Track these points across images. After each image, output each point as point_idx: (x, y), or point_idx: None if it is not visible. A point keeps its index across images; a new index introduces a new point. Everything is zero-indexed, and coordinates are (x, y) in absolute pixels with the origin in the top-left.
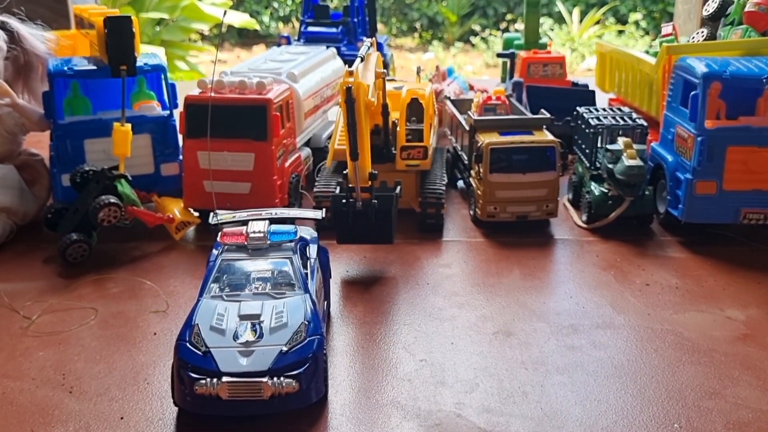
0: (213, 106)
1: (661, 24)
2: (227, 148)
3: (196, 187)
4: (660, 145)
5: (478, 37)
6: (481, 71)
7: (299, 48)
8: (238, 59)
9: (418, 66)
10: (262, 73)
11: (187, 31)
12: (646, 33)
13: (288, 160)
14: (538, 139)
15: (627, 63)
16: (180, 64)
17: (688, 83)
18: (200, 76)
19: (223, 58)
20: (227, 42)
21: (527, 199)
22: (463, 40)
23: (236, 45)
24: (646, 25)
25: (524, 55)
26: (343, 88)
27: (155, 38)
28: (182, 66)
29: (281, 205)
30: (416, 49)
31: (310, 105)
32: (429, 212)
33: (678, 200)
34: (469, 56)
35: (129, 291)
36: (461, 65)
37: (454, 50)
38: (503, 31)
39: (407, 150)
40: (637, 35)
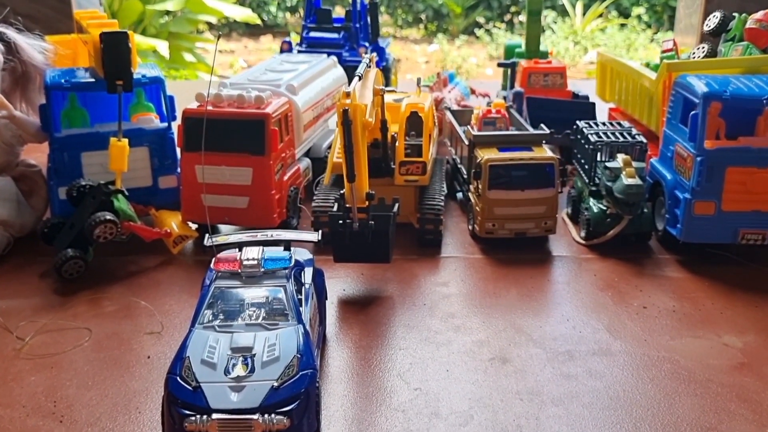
0: (211, 119)
1: (662, 40)
2: (225, 162)
3: (194, 200)
4: (659, 161)
5: (483, 30)
6: (485, 64)
7: (300, 56)
8: (246, 49)
9: (419, 77)
10: (261, 85)
11: (194, 23)
12: (648, 26)
13: (287, 173)
14: (537, 155)
15: (627, 75)
16: (187, 55)
17: (688, 101)
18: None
19: (231, 48)
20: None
21: (526, 216)
22: (467, 32)
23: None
24: (648, 19)
25: (525, 65)
26: (339, 110)
27: (162, 30)
28: (189, 58)
29: (279, 220)
30: (421, 40)
31: (310, 117)
32: (427, 228)
33: (676, 219)
34: (473, 48)
35: (124, 310)
36: (465, 57)
37: (459, 42)
38: (507, 23)
39: (406, 165)
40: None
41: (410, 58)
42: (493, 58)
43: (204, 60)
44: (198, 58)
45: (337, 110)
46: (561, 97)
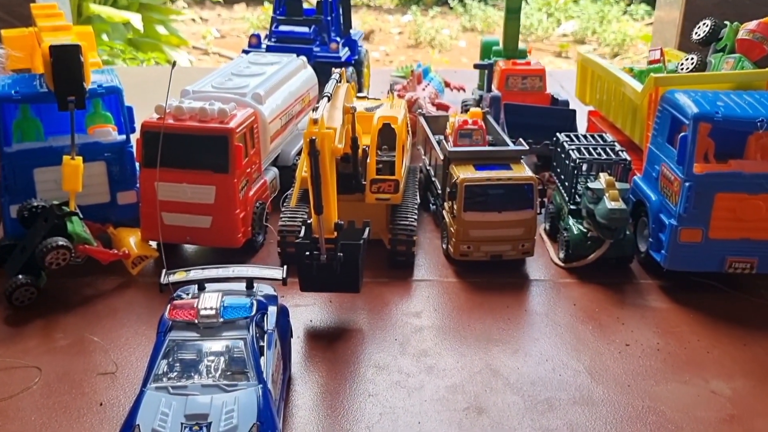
0: (171, 134)
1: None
2: (186, 179)
3: (154, 219)
4: (643, 180)
5: (456, 1)
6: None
7: (267, 56)
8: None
9: (391, 83)
10: (225, 93)
11: None
12: None
13: (252, 189)
14: (515, 175)
15: (610, 82)
16: (159, 28)
17: (676, 120)
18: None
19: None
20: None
21: (502, 239)
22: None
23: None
24: None
25: (503, 66)
26: (306, 139)
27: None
28: (162, 30)
29: (244, 239)
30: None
31: (277, 126)
32: (399, 250)
33: (660, 244)
34: (447, 19)
35: (77, 344)
36: (438, 29)
37: (433, 13)
38: None
39: (377, 183)
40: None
41: (383, 29)
42: (466, 29)
43: (177, 33)
44: (170, 30)
45: (303, 139)
46: (540, 100)
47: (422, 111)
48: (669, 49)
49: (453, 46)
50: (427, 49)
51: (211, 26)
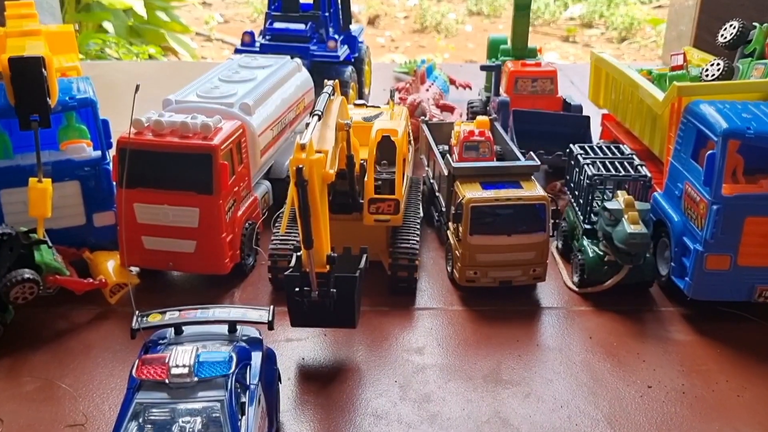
0: (150, 152)
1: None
2: (167, 200)
3: (134, 243)
4: (664, 197)
5: None
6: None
7: (259, 59)
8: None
9: (391, 89)
10: (211, 103)
11: None
12: None
13: (240, 208)
14: (526, 194)
15: (627, 87)
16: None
17: (702, 135)
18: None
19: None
20: None
21: (512, 263)
22: None
23: None
24: None
25: (512, 68)
26: (292, 167)
27: None
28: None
29: (232, 264)
30: None
31: (268, 138)
32: (400, 275)
33: (684, 270)
34: (453, 3)
35: (45, 390)
36: (444, 13)
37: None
38: None
39: (376, 203)
40: None
41: (389, 13)
42: (472, 13)
43: (178, 18)
44: (172, 16)
45: (290, 167)
46: (551, 104)
47: (425, 118)
48: (688, 48)
49: (459, 31)
50: (432, 34)
51: (214, 11)
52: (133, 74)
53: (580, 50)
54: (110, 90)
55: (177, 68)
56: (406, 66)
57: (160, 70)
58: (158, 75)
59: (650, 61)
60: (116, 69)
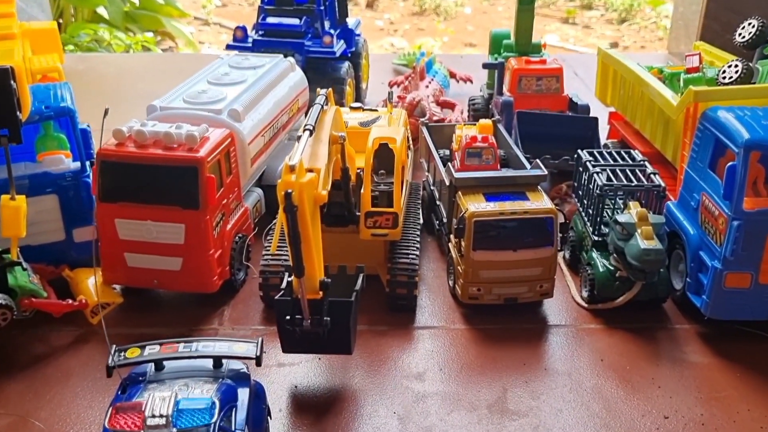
0: (132, 165)
1: (686, 55)
2: (151, 216)
3: (116, 260)
4: (679, 207)
5: None
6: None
7: (250, 59)
8: None
9: (390, 90)
10: (198, 109)
11: None
12: None
13: (230, 222)
14: (533, 207)
15: (636, 86)
16: None
17: (720, 144)
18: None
19: None
20: None
21: (518, 279)
22: None
23: None
24: None
25: (515, 65)
26: (280, 192)
27: None
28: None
29: (221, 281)
30: None
31: (260, 145)
32: (399, 293)
33: (700, 287)
34: None
35: (17, 427)
36: None
37: None
38: None
39: (373, 216)
40: None
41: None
42: None
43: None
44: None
45: (278, 191)
46: (556, 103)
47: (425, 120)
48: (700, 43)
49: (458, 14)
50: (432, 17)
51: None
52: (124, 68)
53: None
54: (100, 85)
55: (169, 61)
56: (405, 58)
57: (151, 64)
58: (149, 69)
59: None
60: (107, 62)
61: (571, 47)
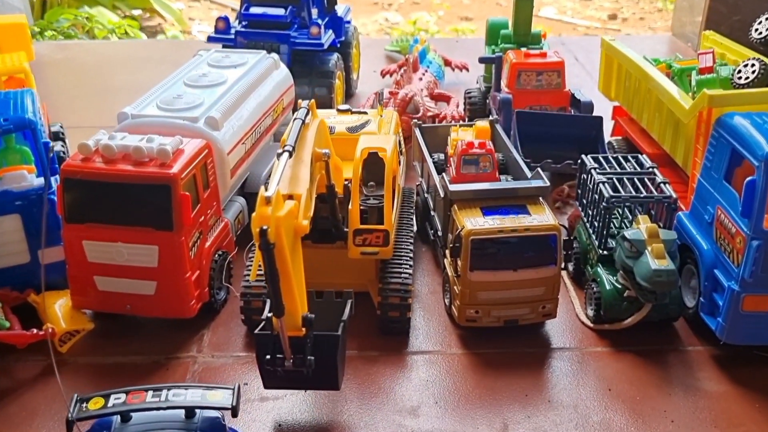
0: (99, 183)
1: (698, 52)
2: (121, 237)
3: (86, 284)
4: (691, 218)
5: None
6: None
7: (231, 56)
8: None
9: (380, 92)
10: (172, 116)
11: None
12: None
13: (208, 239)
14: (535, 224)
15: (642, 82)
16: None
17: (737, 154)
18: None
19: None
20: None
21: (519, 300)
22: None
23: None
24: None
25: (514, 59)
26: (255, 227)
27: None
28: None
29: (199, 304)
30: None
31: (241, 153)
32: (391, 316)
33: (715, 307)
34: None
35: None
36: None
37: None
38: None
39: (362, 234)
40: None
41: None
42: None
43: None
44: None
45: (252, 225)
46: (557, 99)
47: (418, 120)
48: (709, 33)
49: None
50: None
51: None
52: (105, 56)
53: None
54: (79, 76)
55: (152, 48)
56: (397, 44)
57: (134, 51)
58: (132, 57)
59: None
60: (87, 50)
61: (568, 20)
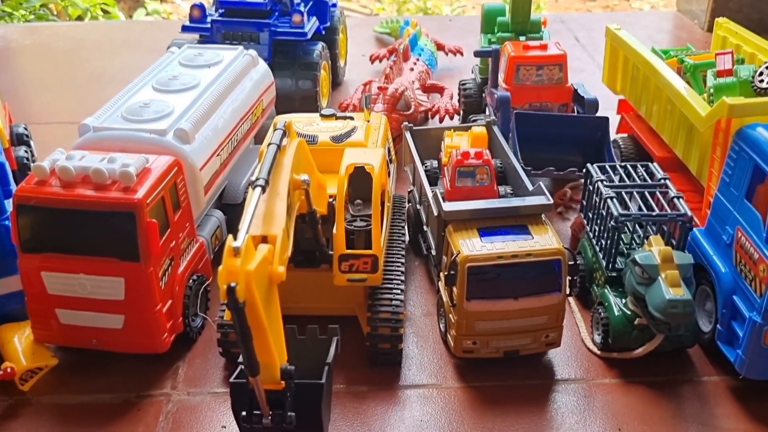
0: (55, 209)
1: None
2: (83, 269)
3: (47, 317)
4: (706, 236)
5: None
6: None
7: (205, 54)
8: None
9: (366, 95)
10: (138, 131)
11: None
12: None
13: (181, 264)
14: (537, 249)
15: (651, 79)
16: None
17: (760, 170)
18: None
19: None
20: None
21: (520, 330)
22: None
23: None
24: None
25: (512, 52)
26: (222, 284)
27: None
28: None
29: (172, 336)
30: None
31: (215, 166)
32: (381, 348)
33: (733, 337)
34: None
35: None
36: None
37: None
38: None
39: (348, 260)
40: None
41: None
42: None
43: None
44: None
45: (218, 281)
46: (559, 95)
47: (409, 123)
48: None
49: None
50: None
51: None
52: (78, 40)
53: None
54: (50, 63)
55: (127, 31)
56: (386, 25)
57: (108, 34)
58: (106, 41)
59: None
60: (58, 34)
61: None
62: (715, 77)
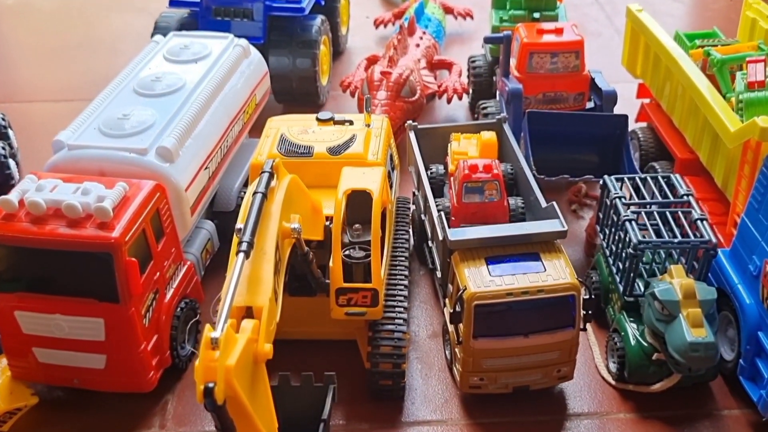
0: (24, 248)
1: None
2: (60, 309)
3: (24, 355)
4: (731, 260)
5: None
6: None
7: (191, 47)
8: None
9: (367, 97)
10: (117, 150)
11: None
12: None
13: (167, 294)
14: (549, 284)
15: (675, 75)
16: None
17: None
18: None
19: None
20: None
21: (530, 366)
22: None
23: None
24: None
25: (525, 38)
26: (199, 385)
27: None
28: None
29: (160, 372)
30: None
31: (203, 182)
32: (382, 384)
33: (758, 375)
34: None
35: None
36: None
37: None
38: None
39: (346, 294)
40: None
41: None
42: None
43: None
44: None
45: (195, 377)
46: (575, 84)
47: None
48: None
49: None
50: None
51: None
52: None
53: None
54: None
55: None
56: None
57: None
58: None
59: None
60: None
61: None
62: (746, 85)
